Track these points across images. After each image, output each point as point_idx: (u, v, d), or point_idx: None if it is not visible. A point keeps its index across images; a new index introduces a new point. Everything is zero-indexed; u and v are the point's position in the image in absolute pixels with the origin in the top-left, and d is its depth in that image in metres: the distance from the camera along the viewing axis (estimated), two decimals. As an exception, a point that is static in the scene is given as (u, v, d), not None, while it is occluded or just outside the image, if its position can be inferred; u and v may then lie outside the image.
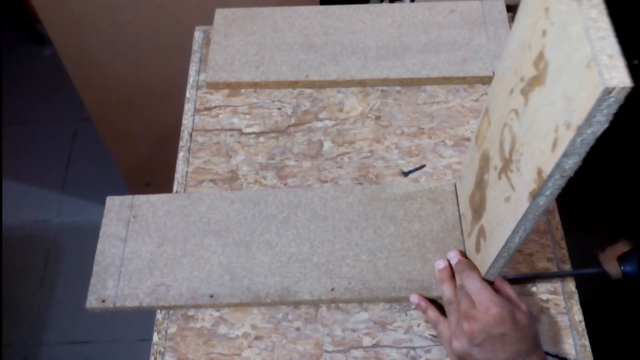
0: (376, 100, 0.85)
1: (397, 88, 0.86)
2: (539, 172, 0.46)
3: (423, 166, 0.79)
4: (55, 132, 2.06)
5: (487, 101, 0.60)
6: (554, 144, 0.43)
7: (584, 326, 0.68)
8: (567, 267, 0.71)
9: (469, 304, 0.60)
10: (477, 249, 0.64)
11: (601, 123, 0.39)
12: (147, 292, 0.69)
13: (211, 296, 0.69)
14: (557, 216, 0.75)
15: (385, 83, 0.86)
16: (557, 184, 0.46)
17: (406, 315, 0.69)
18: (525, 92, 0.50)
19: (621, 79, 0.36)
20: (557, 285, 0.70)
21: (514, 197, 0.52)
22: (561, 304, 0.69)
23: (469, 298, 0.61)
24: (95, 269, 0.71)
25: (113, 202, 0.76)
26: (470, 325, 0.58)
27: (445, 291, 0.65)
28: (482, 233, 0.62)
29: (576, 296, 0.69)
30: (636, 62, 0.69)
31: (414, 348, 0.67)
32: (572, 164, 0.43)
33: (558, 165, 0.43)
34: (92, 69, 1.33)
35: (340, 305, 0.70)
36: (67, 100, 2.06)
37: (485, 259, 0.61)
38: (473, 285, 0.61)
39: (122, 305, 0.69)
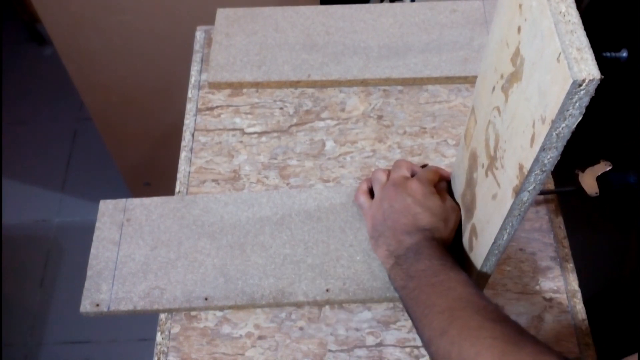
0: (378, 100, 0.85)
1: (399, 88, 0.86)
2: (520, 167, 0.47)
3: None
4: (55, 132, 2.06)
5: (473, 100, 0.61)
6: (532, 139, 0.44)
7: (587, 324, 0.68)
8: (570, 265, 0.71)
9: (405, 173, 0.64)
10: (470, 247, 0.64)
11: (574, 116, 0.40)
12: (141, 295, 0.69)
13: (206, 299, 0.69)
14: (559, 215, 0.75)
15: (387, 83, 0.86)
16: (539, 178, 0.46)
17: (409, 314, 0.69)
18: (505, 89, 0.50)
19: (590, 71, 0.37)
20: (560, 284, 0.70)
21: (499, 194, 0.53)
22: (564, 303, 0.69)
23: (404, 172, 0.65)
24: (89, 273, 0.71)
25: (106, 206, 0.75)
26: (390, 190, 0.63)
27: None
28: (473, 231, 0.62)
29: (579, 294, 0.70)
30: (608, 54, 0.70)
31: (417, 347, 0.67)
32: (551, 158, 0.44)
33: (537, 160, 0.44)
34: (92, 69, 1.33)
35: (343, 304, 0.70)
36: (67, 100, 2.06)
37: (478, 257, 0.61)
38: (427, 171, 0.66)
39: (116, 309, 0.68)
